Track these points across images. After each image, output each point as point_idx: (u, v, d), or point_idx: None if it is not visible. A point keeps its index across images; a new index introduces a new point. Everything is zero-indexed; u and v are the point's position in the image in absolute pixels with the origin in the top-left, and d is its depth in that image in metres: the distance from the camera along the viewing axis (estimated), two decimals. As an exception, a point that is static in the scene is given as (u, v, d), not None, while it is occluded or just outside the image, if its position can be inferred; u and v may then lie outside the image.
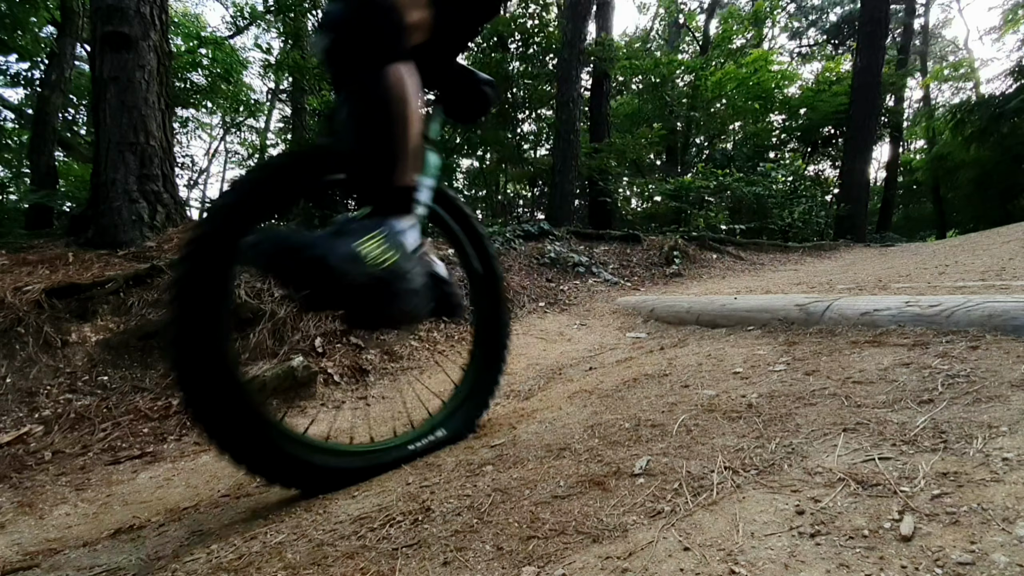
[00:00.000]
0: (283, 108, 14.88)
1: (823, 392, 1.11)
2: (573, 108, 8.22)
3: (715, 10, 16.30)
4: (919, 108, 19.05)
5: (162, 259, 2.89)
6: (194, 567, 0.82)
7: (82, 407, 2.07)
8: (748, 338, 1.86)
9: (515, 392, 1.96)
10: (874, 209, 14.62)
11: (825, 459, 0.81)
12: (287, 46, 9.19)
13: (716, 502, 0.74)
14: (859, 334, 1.56)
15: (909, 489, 0.68)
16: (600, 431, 1.11)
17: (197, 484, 1.49)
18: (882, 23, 9.93)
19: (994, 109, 11.43)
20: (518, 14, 9.05)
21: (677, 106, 12.06)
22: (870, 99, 9.87)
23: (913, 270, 3.71)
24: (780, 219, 8.87)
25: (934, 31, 20.88)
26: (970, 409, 0.90)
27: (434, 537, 0.77)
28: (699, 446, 0.94)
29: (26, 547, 1.18)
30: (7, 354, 2.21)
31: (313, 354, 2.52)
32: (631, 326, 2.86)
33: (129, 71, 3.52)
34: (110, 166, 3.45)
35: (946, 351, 1.23)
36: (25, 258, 3.02)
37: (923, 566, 0.54)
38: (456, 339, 2.97)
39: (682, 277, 4.99)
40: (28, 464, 1.73)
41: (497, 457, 1.08)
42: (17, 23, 5.36)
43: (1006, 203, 11.98)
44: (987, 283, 2.55)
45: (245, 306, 2.64)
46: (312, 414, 2.08)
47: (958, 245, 6.00)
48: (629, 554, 0.65)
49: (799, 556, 0.59)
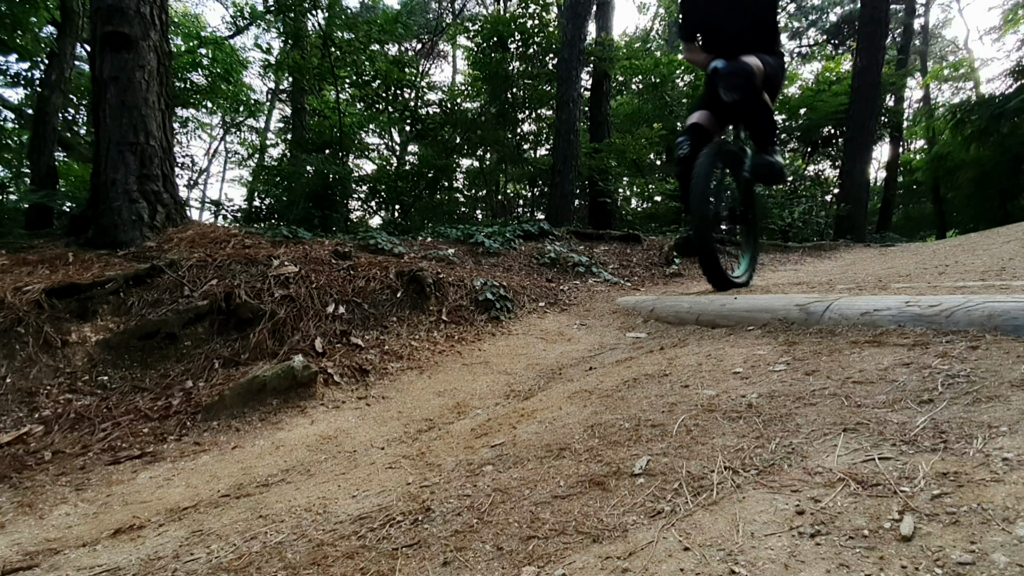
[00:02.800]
0: (283, 108, 14.87)
1: (823, 392, 1.11)
2: (573, 108, 8.22)
3: (715, 10, 16.26)
4: (919, 108, 19.03)
5: (162, 259, 2.89)
6: (194, 567, 0.82)
7: (82, 407, 2.07)
8: (748, 338, 1.85)
9: (515, 392, 1.96)
10: (874, 209, 14.60)
11: (825, 459, 0.81)
12: (287, 46, 9.19)
13: (716, 502, 0.74)
14: (859, 334, 1.56)
15: (909, 489, 0.68)
16: (600, 431, 1.11)
17: (197, 484, 1.49)
18: (882, 23, 9.91)
19: (994, 109, 11.41)
20: (518, 14, 9.04)
21: (677, 106, 12.05)
22: (870, 99, 9.86)
23: (913, 270, 3.71)
24: (780, 219, 8.87)
25: (934, 31, 20.87)
26: (970, 409, 0.90)
27: (434, 537, 0.77)
28: (699, 446, 0.94)
29: (26, 547, 1.18)
30: (7, 354, 2.21)
31: (313, 354, 2.52)
32: (631, 326, 2.86)
33: (129, 71, 3.52)
34: (110, 166, 3.45)
35: (946, 351, 1.23)
36: (25, 258, 3.02)
37: (923, 566, 0.54)
38: (456, 339, 2.97)
39: (682, 277, 4.98)
40: (28, 464, 1.73)
41: (497, 457, 1.08)
42: (17, 23, 5.36)
43: (1006, 203, 11.96)
44: (987, 283, 2.55)
45: (245, 306, 2.64)
46: (313, 414, 2.08)
47: (958, 245, 5.99)
48: (629, 554, 0.65)
49: (799, 556, 0.59)
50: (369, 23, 8.48)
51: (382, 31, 8.44)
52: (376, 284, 3.18)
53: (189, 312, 2.55)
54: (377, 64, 8.76)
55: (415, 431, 1.70)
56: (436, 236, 5.21)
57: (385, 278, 3.25)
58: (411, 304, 3.17)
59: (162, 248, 3.28)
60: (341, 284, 3.07)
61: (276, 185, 8.17)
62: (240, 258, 3.03)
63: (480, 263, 4.41)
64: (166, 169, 3.70)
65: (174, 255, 2.99)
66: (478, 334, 3.07)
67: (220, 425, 2.01)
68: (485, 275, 3.72)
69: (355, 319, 2.90)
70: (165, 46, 3.82)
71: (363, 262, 3.45)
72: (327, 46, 8.09)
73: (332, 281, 3.04)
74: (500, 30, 8.87)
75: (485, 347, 2.86)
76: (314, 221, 6.68)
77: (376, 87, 9.21)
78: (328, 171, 7.23)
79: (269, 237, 3.94)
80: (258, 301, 2.69)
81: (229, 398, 2.10)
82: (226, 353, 2.47)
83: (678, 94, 12.32)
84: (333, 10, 8.07)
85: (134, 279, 2.70)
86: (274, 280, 2.86)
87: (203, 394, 2.19)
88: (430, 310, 3.17)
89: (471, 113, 9.79)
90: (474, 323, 3.19)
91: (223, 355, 2.46)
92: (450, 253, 4.50)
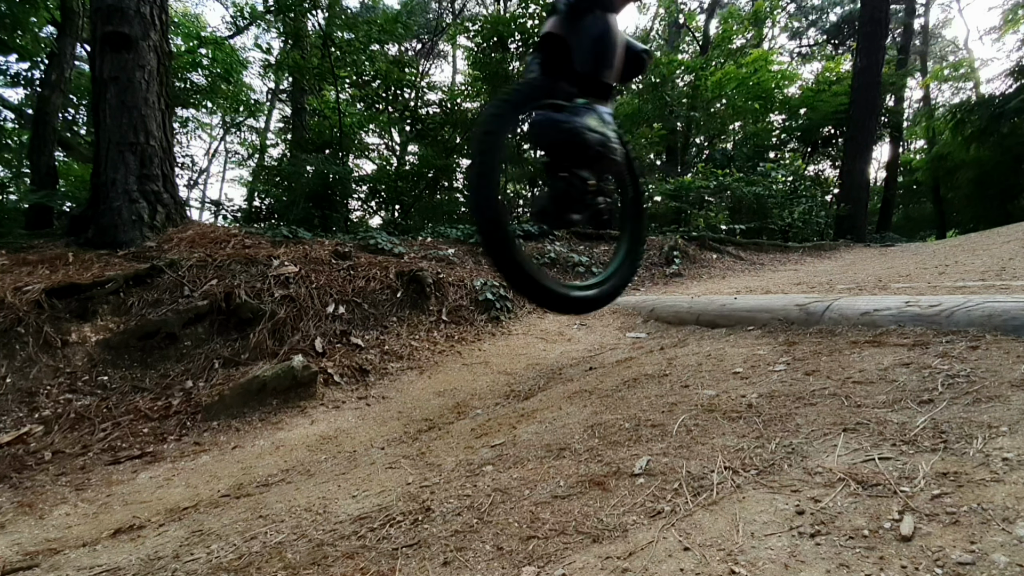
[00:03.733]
0: (283, 108, 14.86)
1: (823, 392, 1.11)
2: (573, 108, 8.20)
3: (715, 10, 16.29)
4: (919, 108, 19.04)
5: (162, 259, 2.89)
6: (194, 567, 0.82)
7: (82, 407, 2.07)
8: (748, 338, 1.85)
9: (515, 392, 1.96)
10: (874, 209, 14.61)
11: (825, 459, 0.81)
12: (287, 46, 9.19)
13: (716, 502, 0.74)
14: (859, 334, 1.56)
15: (909, 489, 0.68)
16: (600, 431, 1.11)
17: (197, 484, 1.49)
18: (882, 23, 9.92)
19: (994, 109, 11.42)
20: (518, 14, 9.04)
21: (677, 106, 12.05)
22: (870, 99, 9.86)
23: (913, 270, 3.71)
24: (780, 219, 8.87)
25: (934, 31, 20.88)
26: (970, 409, 0.90)
27: (434, 537, 0.77)
28: (699, 446, 0.94)
29: (26, 547, 1.18)
30: (7, 354, 2.21)
31: (313, 354, 2.52)
32: (631, 326, 2.86)
33: (129, 71, 3.52)
34: (110, 166, 3.45)
35: (946, 351, 1.23)
36: (25, 258, 3.02)
37: (923, 566, 0.54)
38: (456, 339, 2.98)
39: (682, 277, 4.99)
40: (28, 464, 1.73)
41: (497, 457, 1.08)
42: (17, 23, 5.36)
43: (1006, 203, 11.97)
44: (987, 283, 2.55)
45: (245, 306, 2.64)
46: (313, 414, 2.08)
47: (958, 245, 6.00)
48: (629, 554, 0.65)
49: (799, 556, 0.59)
50: (369, 23, 8.48)
51: (382, 31, 8.44)
52: (376, 284, 3.18)
53: (189, 312, 2.55)
54: (377, 64, 8.76)
55: (415, 431, 1.70)
56: (436, 236, 5.20)
57: (385, 278, 3.25)
58: (411, 304, 3.17)
59: (162, 248, 3.28)
60: (341, 284, 3.07)
61: (276, 185, 8.17)
62: (240, 258, 3.03)
63: (480, 263, 4.41)
64: (166, 169, 3.70)
65: (174, 255, 2.99)
66: (478, 334, 3.07)
67: (220, 425, 2.01)
68: (485, 275, 3.72)
69: (355, 319, 2.90)
70: (165, 46, 3.82)
71: (363, 262, 3.46)
72: (327, 46, 8.09)
73: (332, 281, 3.04)
74: (500, 30, 8.87)
75: (485, 347, 2.86)
76: (314, 221, 6.68)
77: (376, 87, 9.20)
78: (328, 171, 7.23)
79: (269, 237, 3.94)
80: (258, 301, 2.69)
81: (229, 398, 2.10)
82: (226, 353, 2.47)
83: (678, 94, 12.32)
84: (333, 10, 8.07)
85: (134, 279, 2.70)
86: (274, 280, 2.86)
87: (203, 394, 2.19)
88: (430, 310, 3.17)
89: (471, 113, 9.79)
90: (474, 323, 3.20)
91: (223, 355, 2.46)
92: (450, 253, 4.50)
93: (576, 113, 1.40)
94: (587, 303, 1.68)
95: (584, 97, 1.46)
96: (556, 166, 1.45)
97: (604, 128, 1.41)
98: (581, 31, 1.49)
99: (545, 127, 1.40)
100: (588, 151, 1.37)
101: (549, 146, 1.46)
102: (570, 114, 1.39)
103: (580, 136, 1.35)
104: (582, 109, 1.42)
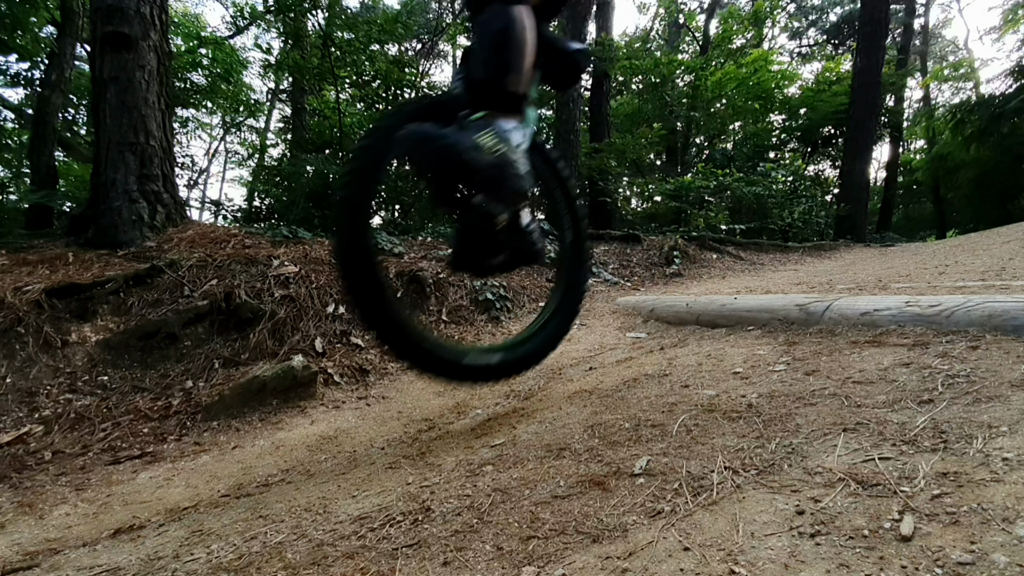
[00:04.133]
0: (283, 108, 14.86)
1: (823, 392, 1.11)
2: (573, 108, 8.22)
3: (715, 10, 16.30)
4: (919, 108, 19.04)
5: (162, 259, 2.89)
6: (194, 567, 0.82)
7: (82, 407, 2.07)
8: (748, 338, 1.85)
9: (515, 392, 1.96)
10: (874, 209, 14.61)
11: (825, 459, 0.81)
12: (287, 46, 9.19)
13: (716, 502, 0.74)
14: (859, 334, 1.56)
15: (909, 489, 0.68)
16: (600, 431, 1.11)
17: (197, 484, 1.49)
18: (882, 23, 9.92)
19: (994, 109, 11.43)
20: (518, 14, 9.03)
21: (677, 106, 12.06)
22: (870, 99, 9.87)
23: (913, 270, 3.71)
24: (780, 219, 8.87)
25: (934, 31, 20.88)
26: (970, 409, 0.90)
27: (434, 537, 0.77)
28: (699, 446, 0.94)
29: (26, 547, 1.18)
30: (7, 354, 2.21)
31: (313, 354, 2.52)
32: (631, 326, 2.86)
33: (129, 71, 3.52)
34: (110, 166, 3.45)
35: (946, 351, 1.23)
36: (25, 258, 3.02)
37: (923, 566, 0.54)
38: (456, 339, 2.97)
39: (682, 277, 4.99)
40: (28, 464, 1.73)
41: (497, 457, 1.08)
42: (17, 23, 5.36)
43: (1006, 203, 11.98)
44: (987, 283, 2.55)
45: (245, 306, 2.64)
46: (313, 414, 2.08)
47: (958, 245, 6.00)
48: (629, 554, 0.65)
49: (799, 556, 0.59)
50: (369, 23, 8.48)
51: (382, 31, 8.43)
52: (376, 284, 3.18)
53: (189, 312, 2.55)
54: (377, 64, 8.75)
55: (415, 431, 1.70)
56: (436, 236, 5.20)
57: (385, 278, 3.24)
58: (411, 304, 3.17)
59: (162, 248, 3.28)
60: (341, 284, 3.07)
61: (276, 185, 8.16)
62: (240, 258, 3.03)
63: (480, 263, 4.41)
64: (166, 169, 3.70)
65: (174, 255, 2.99)
66: (478, 334, 3.07)
67: (220, 425, 2.01)
68: (485, 275, 3.71)
69: (355, 319, 2.90)
70: (165, 46, 3.82)
71: (363, 262, 3.45)
72: (327, 46, 8.08)
73: (332, 281, 3.04)
74: (500, 30, 8.85)
75: (485, 347, 2.86)
76: (314, 221, 6.67)
77: (376, 87, 9.20)
78: (328, 171, 7.22)
79: (269, 237, 3.94)
80: (258, 301, 2.69)
81: (229, 398, 2.09)
82: (226, 353, 2.47)
83: (678, 94, 12.32)
84: (333, 10, 8.06)
85: (134, 279, 2.70)
86: (274, 280, 2.86)
87: (203, 394, 2.19)
88: (430, 310, 3.17)
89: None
90: (474, 323, 3.20)
91: (223, 355, 2.46)
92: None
93: (463, 129, 1.11)
94: (486, 372, 1.35)
95: (482, 109, 1.15)
96: (443, 196, 1.18)
97: (503, 148, 1.10)
98: (478, 28, 1.19)
99: (414, 145, 1.10)
100: (475, 176, 1.08)
101: (421, 169, 1.19)
102: (456, 131, 1.11)
103: (458, 156, 1.05)
104: (473, 124, 1.12)
